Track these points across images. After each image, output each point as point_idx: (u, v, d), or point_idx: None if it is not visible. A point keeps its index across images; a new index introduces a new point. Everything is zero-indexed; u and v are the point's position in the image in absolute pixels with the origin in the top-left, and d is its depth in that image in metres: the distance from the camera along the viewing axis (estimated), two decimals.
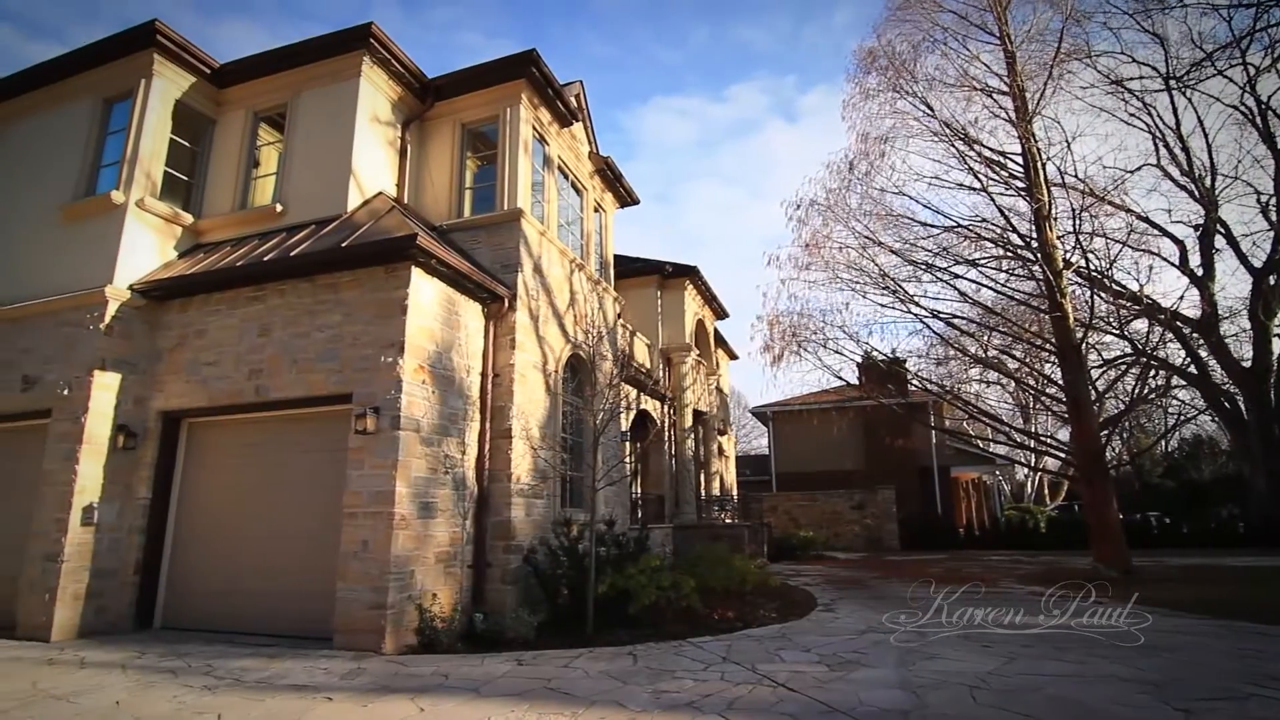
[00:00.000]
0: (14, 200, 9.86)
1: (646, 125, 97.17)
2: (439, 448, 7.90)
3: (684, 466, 17.19)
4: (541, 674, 5.79)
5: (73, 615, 7.61)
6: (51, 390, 8.35)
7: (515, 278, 9.26)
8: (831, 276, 14.55)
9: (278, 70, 9.78)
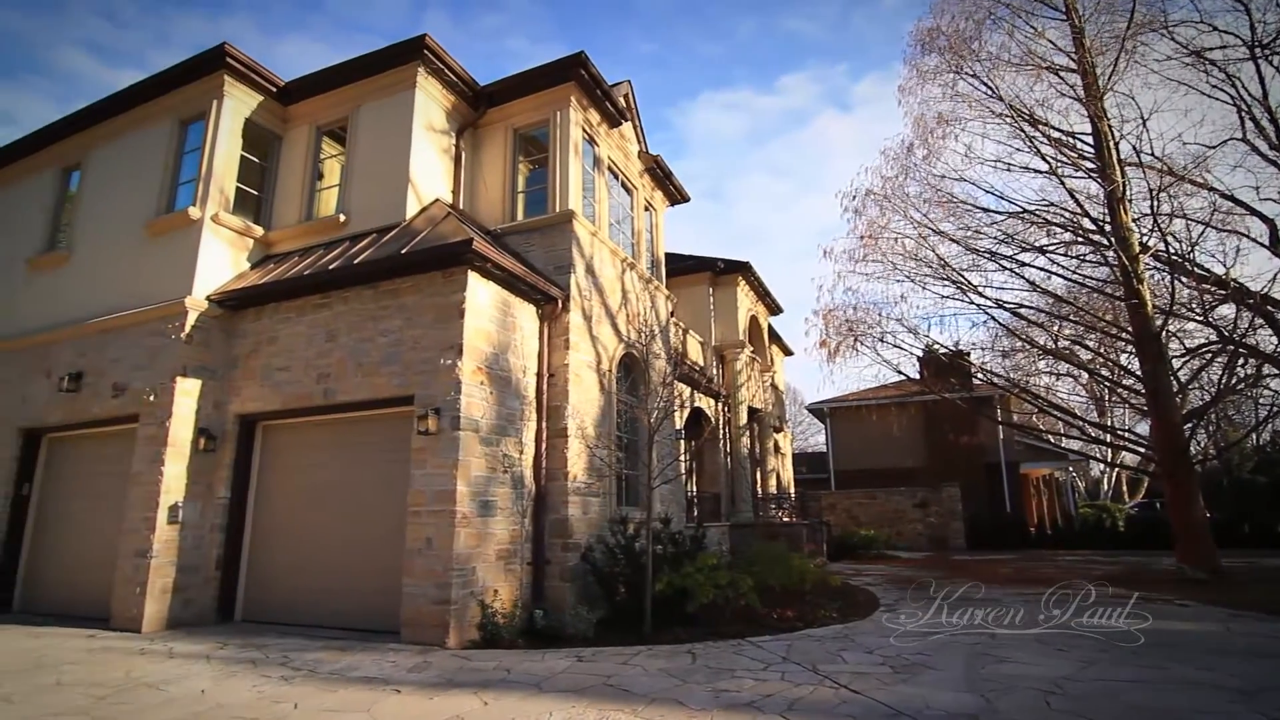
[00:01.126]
0: (103, 219, 10.55)
1: (695, 121, 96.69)
2: (497, 447, 8.06)
3: (739, 464, 17.06)
4: (601, 671, 5.84)
5: (161, 608, 8.09)
6: (139, 396, 8.90)
7: (568, 278, 9.37)
8: (889, 268, 14.17)
9: (338, 85, 10.16)
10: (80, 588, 9.13)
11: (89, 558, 9.16)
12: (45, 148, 11.74)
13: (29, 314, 10.79)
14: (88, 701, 4.97)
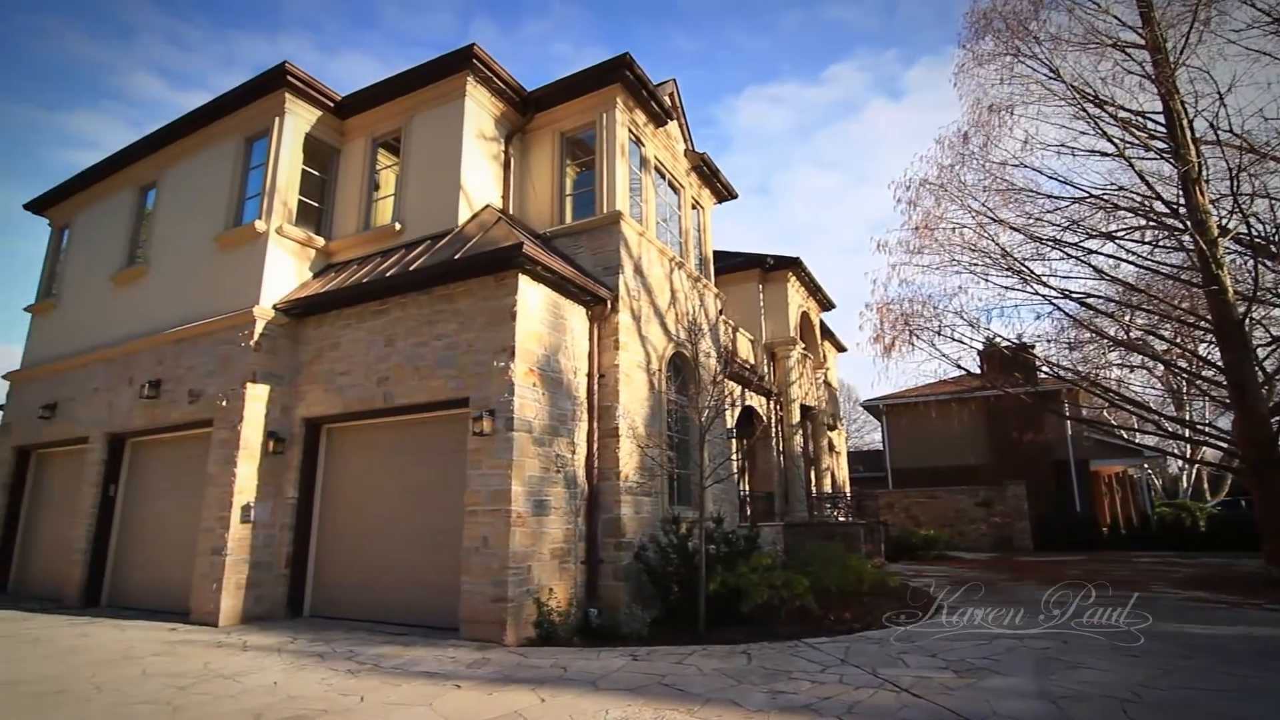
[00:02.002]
0: (177, 234, 11.14)
1: (740, 116, 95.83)
2: (550, 447, 8.17)
3: (793, 463, 16.83)
4: (656, 670, 5.85)
5: (236, 603, 8.49)
6: (212, 402, 9.36)
7: (616, 279, 9.41)
8: (947, 259, 13.73)
9: (391, 98, 10.46)
10: (161, 583, 9.68)
11: (169, 555, 9.69)
12: (123, 169, 12.49)
13: (113, 326, 11.48)
14: (170, 691, 5.26)
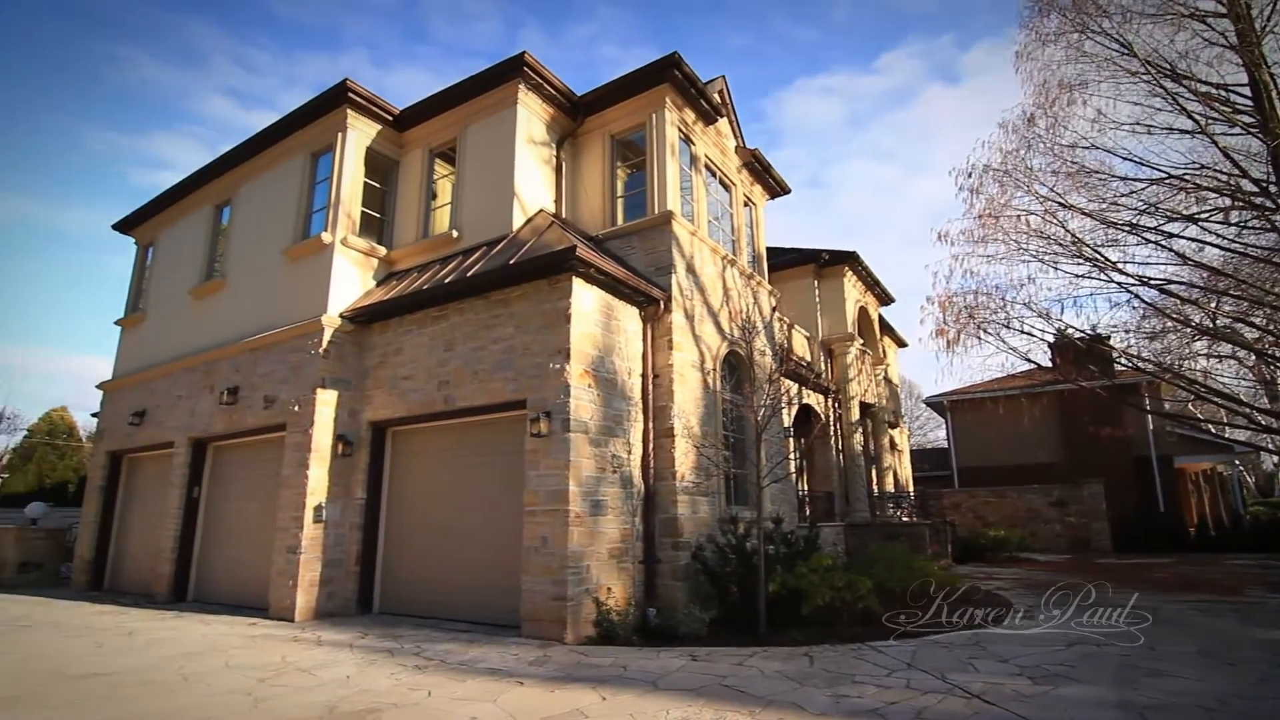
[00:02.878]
0: (250, 248, 11.71)
1: (791, 109, 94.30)
2: (606, 448, 8.22)
3: (853, 462, 16.46)
4: (716, 671, 5.81)
5: (310, 600, 8.87)
6: (285, 407, 9.80)
7: (669, 279, 9.41)
8: (1013, 248, 13.15)
9: (446, 109, 10.74)
10: (242, 580, 10.20)
11: (248, 553, 10.20)
12: (200, 188, 13.22)
13: (194, 337, 12.16)
14: (251, 683, 5.53)
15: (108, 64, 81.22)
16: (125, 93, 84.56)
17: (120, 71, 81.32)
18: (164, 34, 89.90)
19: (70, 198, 79.68)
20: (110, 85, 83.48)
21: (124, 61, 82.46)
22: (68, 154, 78.97)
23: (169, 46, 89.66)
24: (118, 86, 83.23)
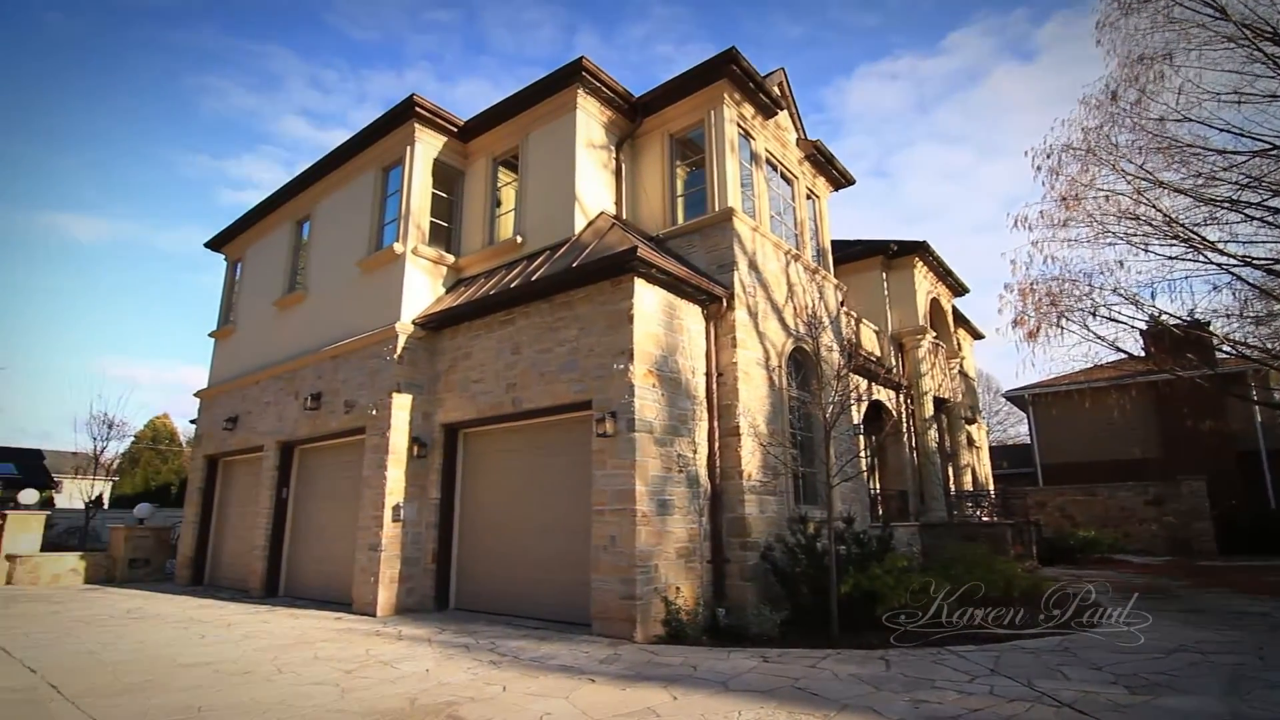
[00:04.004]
0: (328, 261, 12.30)
1: (852, 98, 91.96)
2: (671, 447, 8.23)
3: (927, 460, 15.90)
4: (788, 673, 5.73)
5: (390, 595, 9.23)
6: (364, 412, 10.24)
7: (731, 276, 9.33)
8: (1098, 231, 12.38)
9: (508, 118, 10.99)
10: (327, 576, 10.71)
11: (332, 551, 10.71)
12: (281, 205, 13.97)
13: (280, 346, 12.87)
14: (338, 674, 5.80)
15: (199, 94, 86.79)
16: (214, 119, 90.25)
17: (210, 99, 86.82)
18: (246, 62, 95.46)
19: (168, 220, 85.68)
20: (204, 114, 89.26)
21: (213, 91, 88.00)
22: (165, 179, 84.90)
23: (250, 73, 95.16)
24: (208, 114, 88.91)
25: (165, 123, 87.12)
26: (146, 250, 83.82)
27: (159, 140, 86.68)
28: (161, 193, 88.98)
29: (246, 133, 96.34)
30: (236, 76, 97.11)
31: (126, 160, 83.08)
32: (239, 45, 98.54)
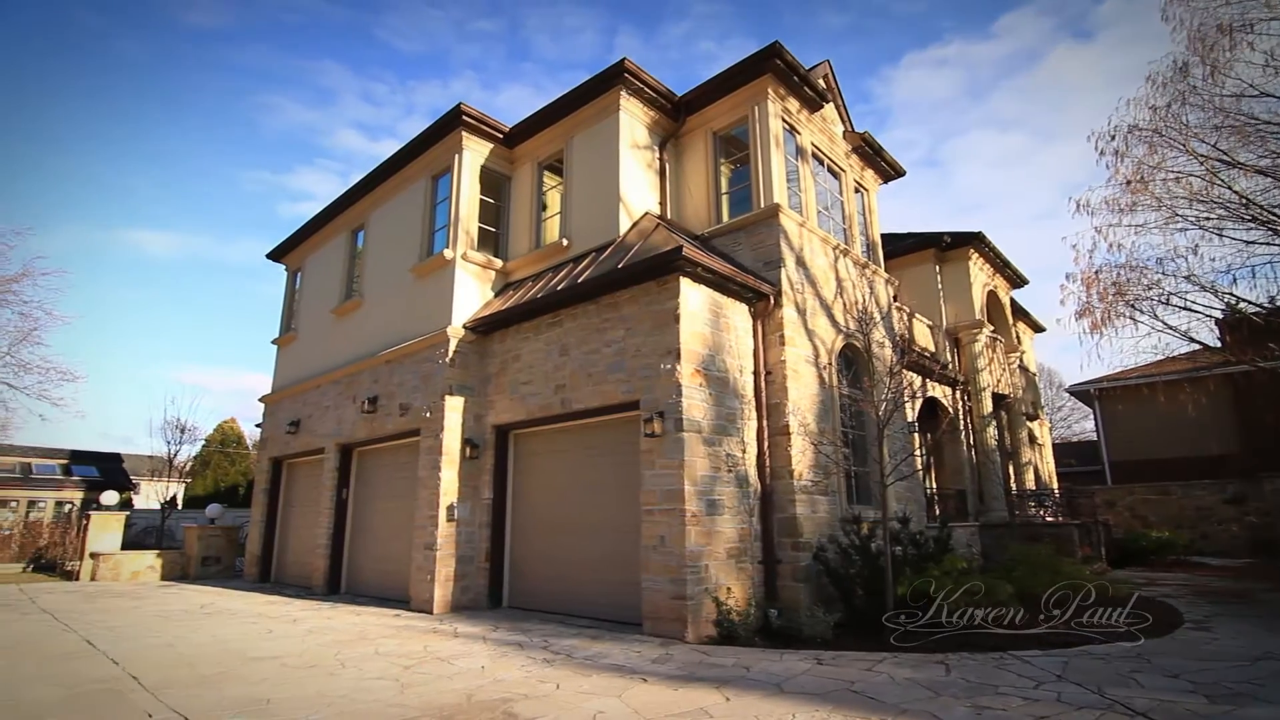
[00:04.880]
0: (383, 268, 12.66)
1: (900, 87, 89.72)
2: (719, 447, 8.17)
3: (986, 458, 15.39)
4: (843, 675, 5.62)
5: (446, 593, 9.44)
6: (418, 414, 10.50)
7: (778, 273, 9.22)
8: (1168, 215, 11.78)
9: (552, 122, 11.11)
10: (386, 574, 11.02)
11: (390, 549, 11.02)
12: (337, 216, 14.44)
13: (338, 352, 13.31)
14: (398, 669, 5.96)
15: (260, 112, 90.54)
16: (274, 136, 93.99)
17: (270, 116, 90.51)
18: (302, 78, 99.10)
19: (233, 233, 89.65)
20: (264, 131, 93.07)
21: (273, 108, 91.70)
22: (230, 194, 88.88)
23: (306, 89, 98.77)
24: (268, 130, 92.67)
25: (229, 141, 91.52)
26: (215, 262, 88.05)
27: (223, 157, 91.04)
28: (227, 207, 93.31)
29: (304, 147, 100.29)
30: (294, 93, 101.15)
31: (195, 177, 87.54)
32: (295, 63, 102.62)
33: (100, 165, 77.10)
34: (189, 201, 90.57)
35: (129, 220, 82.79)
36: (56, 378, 17.91)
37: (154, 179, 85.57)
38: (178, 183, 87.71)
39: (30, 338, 17.64)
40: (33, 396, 17.67)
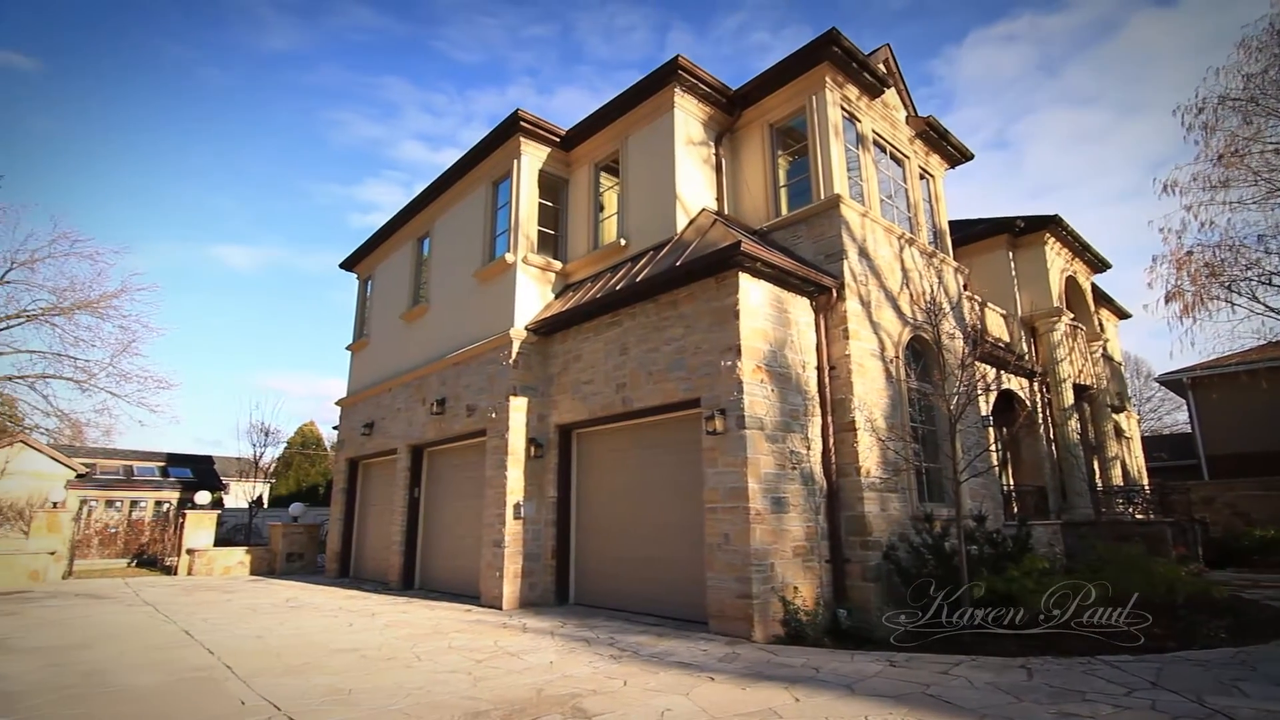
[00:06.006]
0: (447, 274, 13.03)
1: (965, 67, 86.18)
2: (783, 444, 8.06)
3: (1068, 452, 14.63)
4: (918, 678, 5.45)
5: (515, 590, 9.64)
6: (485, 415, 10.76)
7: (840, 266, 9.02)
8: (1266, 190, 10.95)
9: (608, 124, 11.18)
10: (456, 570, 11.35)
11: (460, 546, 11.34)
12: (404, 225, 14.95)
13: (408, 355, 13.78)
14: (470, 663, 6.13)
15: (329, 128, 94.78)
16: (343, 150, 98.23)
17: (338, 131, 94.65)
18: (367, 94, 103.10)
19: (308, 245, 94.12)
20: (331, 145, 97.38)
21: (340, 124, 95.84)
22: (303, 208, 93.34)
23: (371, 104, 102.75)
24: (337, 145, 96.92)
25: (301, 157, 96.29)
26: (292, 273, 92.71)
27: (297, 173, 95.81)
28: (302, 220, 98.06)
29: (370, 160, 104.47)
30: (360, 109, 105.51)
31: (270, 194, 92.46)
32: (361, 80, 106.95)
33: (187, 187, 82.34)
34: (267, 216, 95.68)
35: (214, 237, 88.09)
36: (153, 385, 19.25)
37: (235, 197, 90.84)
38: (257, 199, 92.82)
39: (129, 349, 19.01)
40: (132, 403, 19.06)
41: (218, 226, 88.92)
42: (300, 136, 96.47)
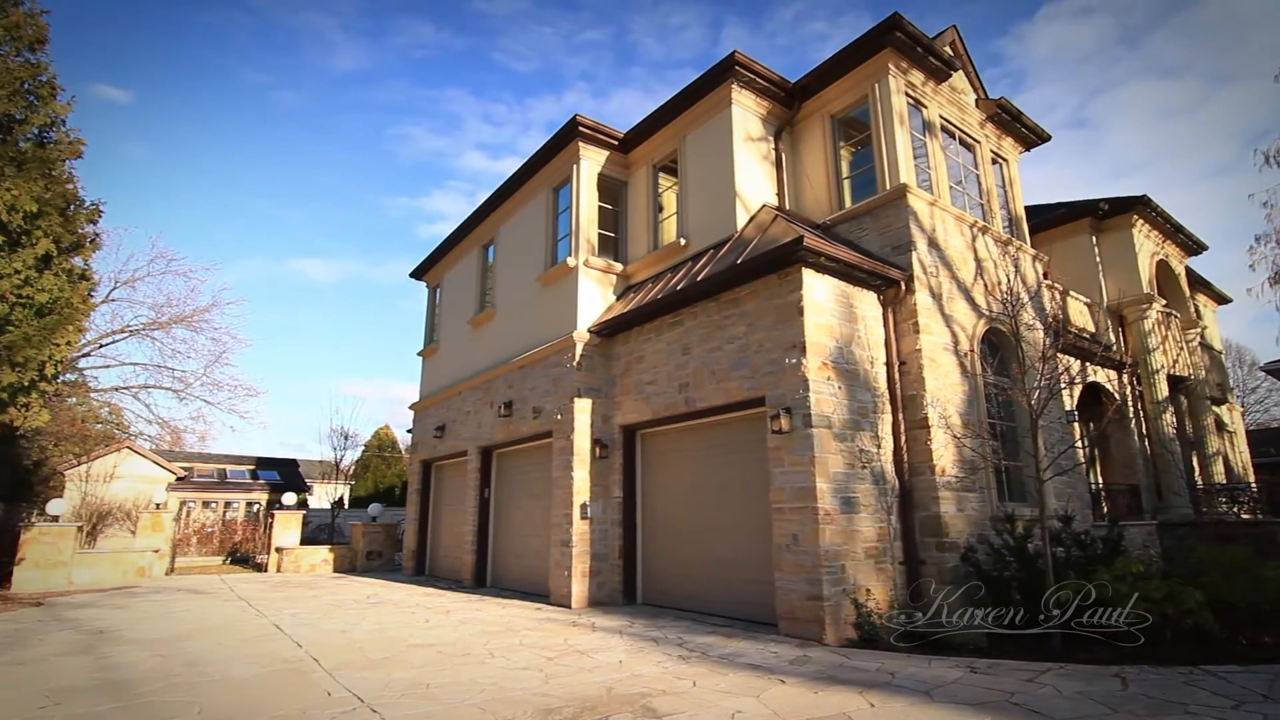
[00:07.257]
0: (512, 279, 13.32)
1: (1037, 44, 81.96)
2: (853, 443, 7.86)
3: (1162, 448, 13.71)
4: (1001, 686, 5.21)
5: (583, 589, 9.75)
6: (550, 417, 10.94)
7: (908, 257, 8.73)
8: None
9: (665, 124, 11.18)
10: (526, 569, 11.58)
11: (529, 545, 11.56)
12: (469, 233, 15.36)
13: (475, 360, 14.15)
14: (541, 660, 6.24)
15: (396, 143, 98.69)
16: (409, 163, 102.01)
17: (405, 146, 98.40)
18: (431, 108, 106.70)
19: (380, 255, 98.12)
20: (399, 159, 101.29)
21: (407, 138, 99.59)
22: (375, 220, 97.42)
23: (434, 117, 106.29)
24: (404, 159, 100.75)
25: (372, 172, 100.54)
26: (366, 283, 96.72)
27: (368, 187, 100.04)
28: (373, 232, 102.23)
29: (435, 171, 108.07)
30: (424, 122, 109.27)
31: (344, 208, 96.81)
32: (425, 94, 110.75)
33: (269, 204, 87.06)
34: (342, 230, 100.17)
35: (294, 251, 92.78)
36: (242, 394, 20.50)
37: (312, 213, 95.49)
38: (332, 214, 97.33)
39: (221, 359, 20.28)
40: (224, 410, 20.39)
41: (298, 241, 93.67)
42: (370, 152, 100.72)
